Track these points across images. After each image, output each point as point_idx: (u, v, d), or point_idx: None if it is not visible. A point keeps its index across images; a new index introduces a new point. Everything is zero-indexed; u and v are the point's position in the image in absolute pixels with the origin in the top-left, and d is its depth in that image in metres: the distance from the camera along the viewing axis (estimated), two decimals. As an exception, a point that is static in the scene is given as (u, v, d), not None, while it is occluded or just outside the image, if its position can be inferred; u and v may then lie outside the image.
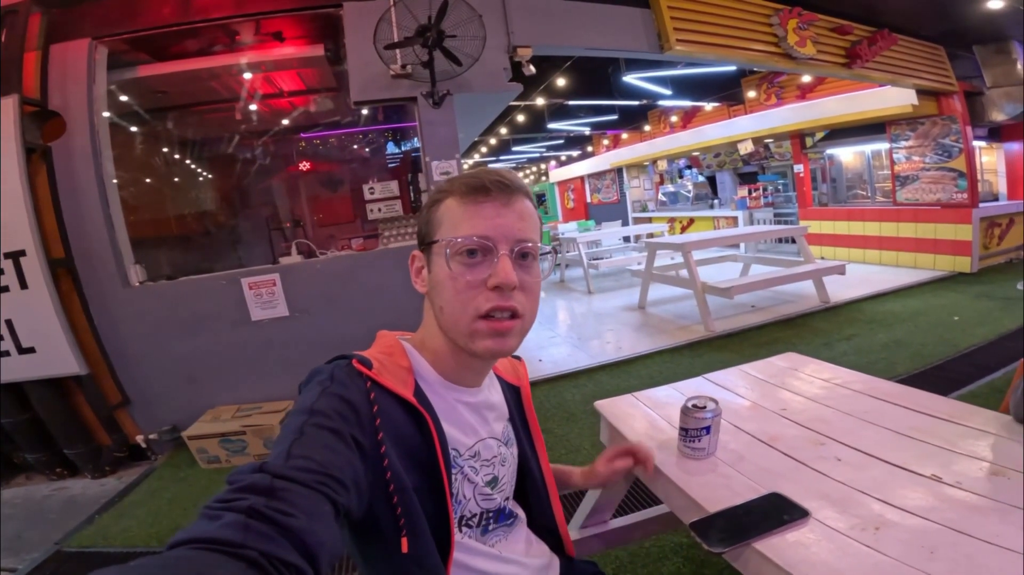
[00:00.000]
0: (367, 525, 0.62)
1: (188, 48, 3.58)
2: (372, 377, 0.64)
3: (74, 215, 2.98)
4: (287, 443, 0.53)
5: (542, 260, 0.71)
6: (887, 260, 6.49)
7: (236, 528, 0.41)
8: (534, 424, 0.87)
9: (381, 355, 0.69)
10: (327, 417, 0.57)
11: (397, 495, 0.61)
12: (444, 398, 0.71)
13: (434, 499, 0.65)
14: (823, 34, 4.47)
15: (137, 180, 4.30)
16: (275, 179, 5.26)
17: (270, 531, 0.42)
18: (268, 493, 0.45)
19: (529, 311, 0.69)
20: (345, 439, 0.56)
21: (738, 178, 9.92)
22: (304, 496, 0.47)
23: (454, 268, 0.65)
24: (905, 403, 1.12)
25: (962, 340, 3.54)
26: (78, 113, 2.99)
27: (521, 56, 3.28)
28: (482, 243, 0.65)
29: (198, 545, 0.39)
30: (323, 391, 0.60)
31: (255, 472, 0.48)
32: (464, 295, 0.65)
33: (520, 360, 0.92)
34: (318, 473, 0.50)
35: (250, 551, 0.40)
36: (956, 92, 5.58)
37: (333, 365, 0.65)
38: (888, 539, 0.66)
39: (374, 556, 0.65)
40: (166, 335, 3.13)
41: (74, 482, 2.90)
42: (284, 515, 0.44)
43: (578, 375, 3.70)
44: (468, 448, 0.73)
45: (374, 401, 0.62)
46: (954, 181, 5.72)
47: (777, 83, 7.20)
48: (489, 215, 0.65)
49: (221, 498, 0.45)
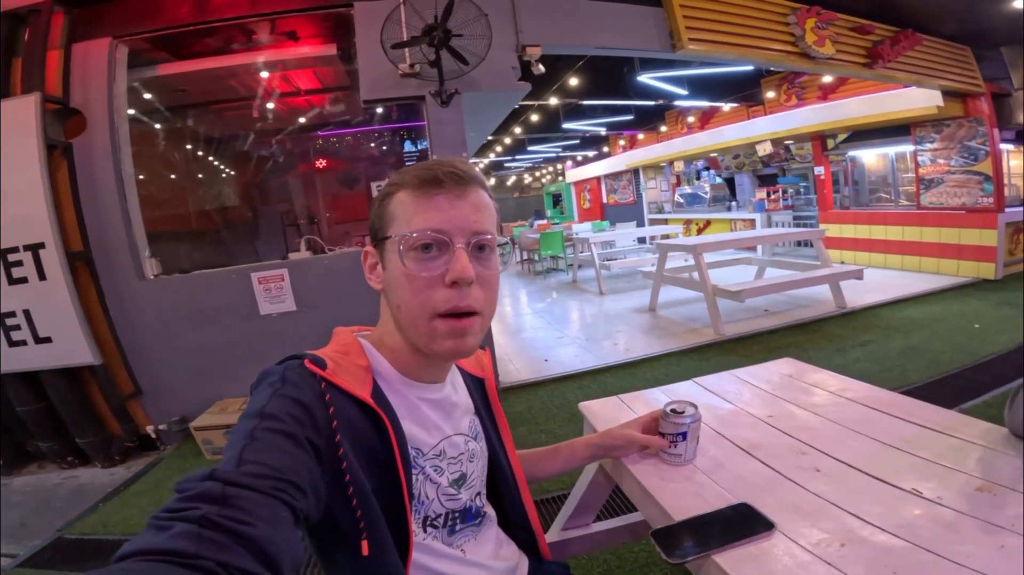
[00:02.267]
0: (326, 528, 0.61)
1: (206, 47, 3.66)
2: (326, 377, 0.62)
3: (93, 209, 3.07)
4: (238, 448, 0.51)
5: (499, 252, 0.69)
6: (909, 265, 6.32)
7: (189, 538, 0.39)
8: (500, 416, 0.86)
9: (336, 354, 0.67)
10: (279, 420, 0.55)
11: (356, 498, 0.60)
12: (405, 396, 0.70)
13: (393, 500, 0.63)
14: (843, 33, 4.37)
15: (155, 176, 4.41)
16: (291, 176, 5.34)
17: (225, 540, 0.40)
18: (221, 501, 0.43)
19: (487, 307, 0.67)
20: (300, 442, 0.54)
21: (757, 180, 9.75)
22: (260, 503, 0.45)
23: (409, 264, 0.63)
24: (897, 413, 1.08)
25: (981, 348, 3.43)
26: (98, 110, 3.08)
27: (530, 55, 3.27)
28: (436, 237, 0.63)
29: (148, 557, 0.38)
30: (274, 393, 0.58)
31: (205, 480, 0.46)
32: (421, 294, 0.63)
33: (484, 350, 0.90)
34: (273, 478, 0.48)
35: (206, 562, 0.38)
36: (983, 93, 5.41)
37: (284, 366, 0.63)
38: (851, 556, 0.64)
39: (336, 559, 0.64)
40: (178, 327, 3.20)
41: (84, 471, 2.98)
42: (240, 523, 0.42)
43: (583, 376, 3.68)
44: (432, 447, 0.71)
45: (329, 403, 0.60)
46: (980, 185, 5.54)
47: (798, 83, 7.07)
48: (443, 207, 0.63)
49: (170, 507, 0.43)
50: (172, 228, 4.56)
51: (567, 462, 0.98)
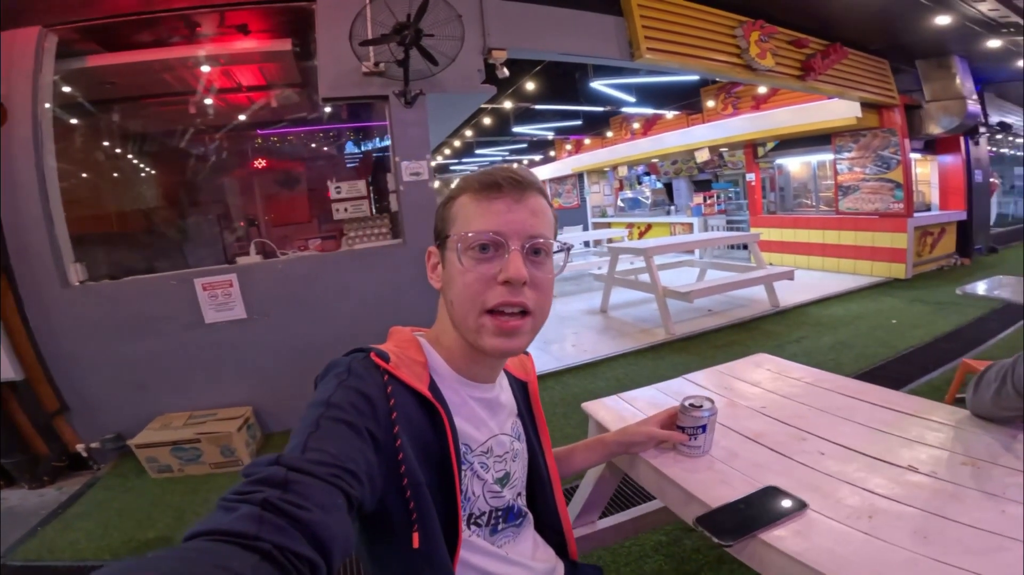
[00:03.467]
0: (378, 519, 0.62)
1: (144, 38, 3.39)
2: (389, 371, 0.64)
3: (10, 209, 2.78)
4: (304, 436, 0.53)
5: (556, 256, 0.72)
6: (829, 266, 6.89)
7: (251, 520, 0.41)
8: (541, 420, 0.88)
9: (397, 349, 0.70)
10: (343, 410, 0.57)
11: (411, 490, 0.61)
12: (457, 393, 0.72)
13: (444, 495, 0.65)
14: (782, 47, 4.69)
15: (80, 174, 4.03)
16: (228, 176, 5.03)
17: (284, 524, 0.42)
18: (283, 486, 0.46)
19: (540, 308, 0.69)
20: (360, 432, 0.57)
21: (693, 185, 10.28)
22: (318, 489, 0.47)
23: (465, 263, 0.66)
24: (872, 399, 1.19)
25: (901, 342, 3.79)
26: (21, 103, 2.80)
27: (496, 59, 3.29)
28: (493, 238, 0.65)
29: (213, 537, 0.40)
30: (340, 384, 0.60)
31: (271, 465, 0.48)
32: (473, 289, 0.66)
33: (528, 355, 0.92)
34: (332, 466, 0.50)
35: (264, 543, 0.40)
36: (897, 105, 5.96)
37: (351, 358, 0.65)
38: (883, 526, 0.70)
39: (383, 551, 0.65)
40: (109, 338, 2.93)
41: (10, 492, 2.70)
42: (298, 508, 0.44)
43: (545, 378, 3.71)
44: (480, 444, 0.73)
45: (391, 395, 0.62)
46: (891, 192, 6.14)
47: (734, 93, 7.51)
48: (501, 211, 0.66)
49: (237, 490, 0.45)
50: (96, 230, 4.18)
51: (597, 456, 1.03)
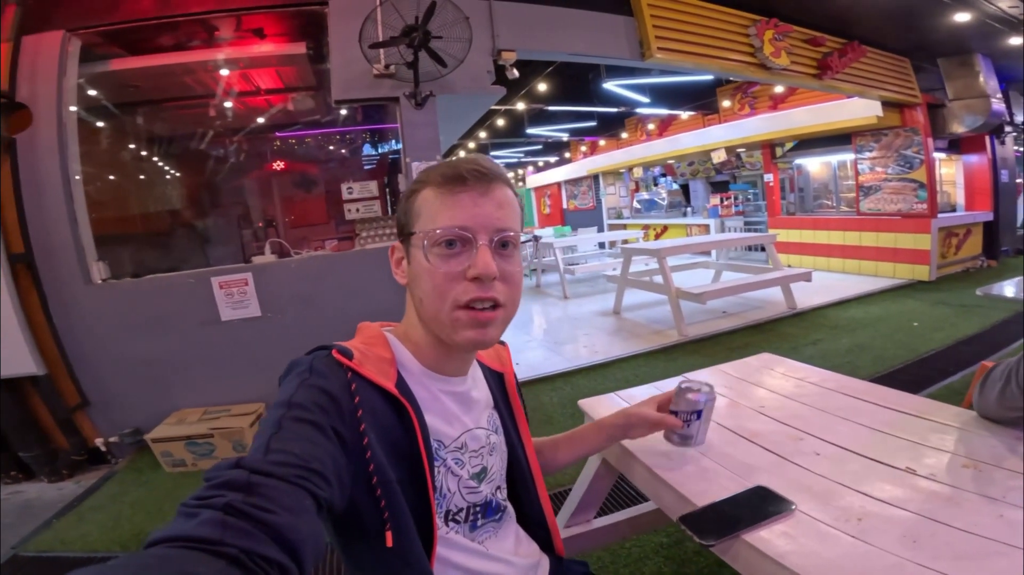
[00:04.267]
0: (350, 519, 0.61)
1: (164, 43, 3.49)
2: (353, 368, 0.63)
3: (36, 209, 2.87)
4: (265, 437, 0.52)
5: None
6: (850, 268, 6.74)
7: (214, 525, 0.40)
8: (519, 411, 0.86)
9: (363, 346, 0.68)
10: (306, 410, 0.56)
11: (381, 488, 0.60)
12: (428, 388, 0.71)
13: (417, 492, 0.64)
14: (797, 45, 4.62)
15: (104, 176, 4.15)
16: (248, 178, 5.14)
17: (249, 527, 0.41)
18: (246, 489, 0.44)
19: (511, 301, 0.69)
20: (325, 431, 0.55)
21: (710, 187, 10.15)
22: (283, 491, 0.46)
23: (432, 260, 0.64)
24: (875, 400, 1.16)
25: (921, 345, 3.69)
26: (46, 106, 2.90)
27: (505, 60, 3.30)
28: (460, 234, 0.64)
29: (176, 543, 0.39)
30: (302, 383, 0.59)
31: (232, 468, 0.47)
32: (443, 287, 0.64)
33: (504, 345, 0.90)
34: (298, 467, 0.49)
35: (229, 548, 0.39)
36: (919, 104, 5.82)
37: (312, 356, 0.64)
38: (872, 530, 0.69)
39: (358, 551, 0.64)
40: (129, 335, 3.01)
41: (29, 486, 2.77)
42: (263, 511, 0.43)
43: (555, 378, 3.71)
44: (453, 439, 0.72)
45: (355, 392, 0.61)
46: (914, 192, 5.98)
47: (751, 93, 7.42)
48: (467, 205, 0.65)
49: (198, 495, 0.44)
50: (120, 230, 4.30)
51: (586, 446, 0.97)
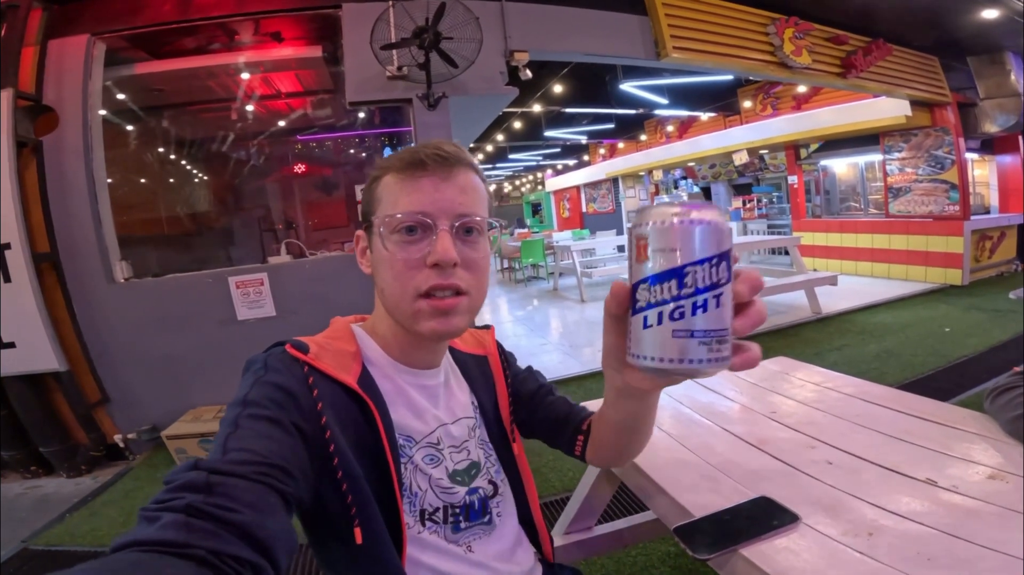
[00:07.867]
0: (319, 515, 0.60)
1: (186, 46, 3.57)
2: (308, 362, 0.61)
3: (61, 210, 2.95)
4: (223, 437, 0.51)
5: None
6: (879, 272, 6.52)
7: (177, 528, 0.39)
8: (503, 396, 0.82)
9: (324, 340, 0.67)
10: (262, 406, 0.55)
11: (346, 482, 0.59)
12: (394, 382, 0.68)
13: (384, 489, 0.62)
14: (819, 44, 4.50)
15: (129, 177, 4.27)
16: (269, 180, 5.22)
17: (213, 528, 0.41)
18: (205, 490, 0.43)
19: (475, 288, 0.65)
20: (284, 426, 0.54)
21: (733, 189, 9.98)
22: (245, 489, 0.45)
23: (391, 247, 0.62)
24: (897, 406, 1.09)
25: (953, 351, 3.53)
26: (72, 108, 2.98)
27: (518, 60, 3.28)
28: (419, 219, 0.62)
29: (141, 547, 0.38)
30: (257, 380, 0.58)
31: (190, 470, 0.46)
32: (403, 275, 0.62)
33: (489, 328, 0.87)
34: (258, 464, 0.48)
35: (197, 550, 0.38)
36: (949, 103, 5.61)
37: (267, 353, 0.62)
38: (882, 545, 0.63)
39: (330, 548, 0.63)
40: (150, 333, 3.07)
41: (48, 481, 2.84)
42: (226, 511, 0.42)
43: (568, 382, 3.66)
44: (425, 435, 0.69)
45: (313, 386, 0.59)
46: (946, 193, 5.76)
47: (773, 93, 7.25)
48: (427, 190, 0.62)
49: (158, 499, 0.43)
50: (144, 231, 4.41)
51: (606, 412, 0.77)
